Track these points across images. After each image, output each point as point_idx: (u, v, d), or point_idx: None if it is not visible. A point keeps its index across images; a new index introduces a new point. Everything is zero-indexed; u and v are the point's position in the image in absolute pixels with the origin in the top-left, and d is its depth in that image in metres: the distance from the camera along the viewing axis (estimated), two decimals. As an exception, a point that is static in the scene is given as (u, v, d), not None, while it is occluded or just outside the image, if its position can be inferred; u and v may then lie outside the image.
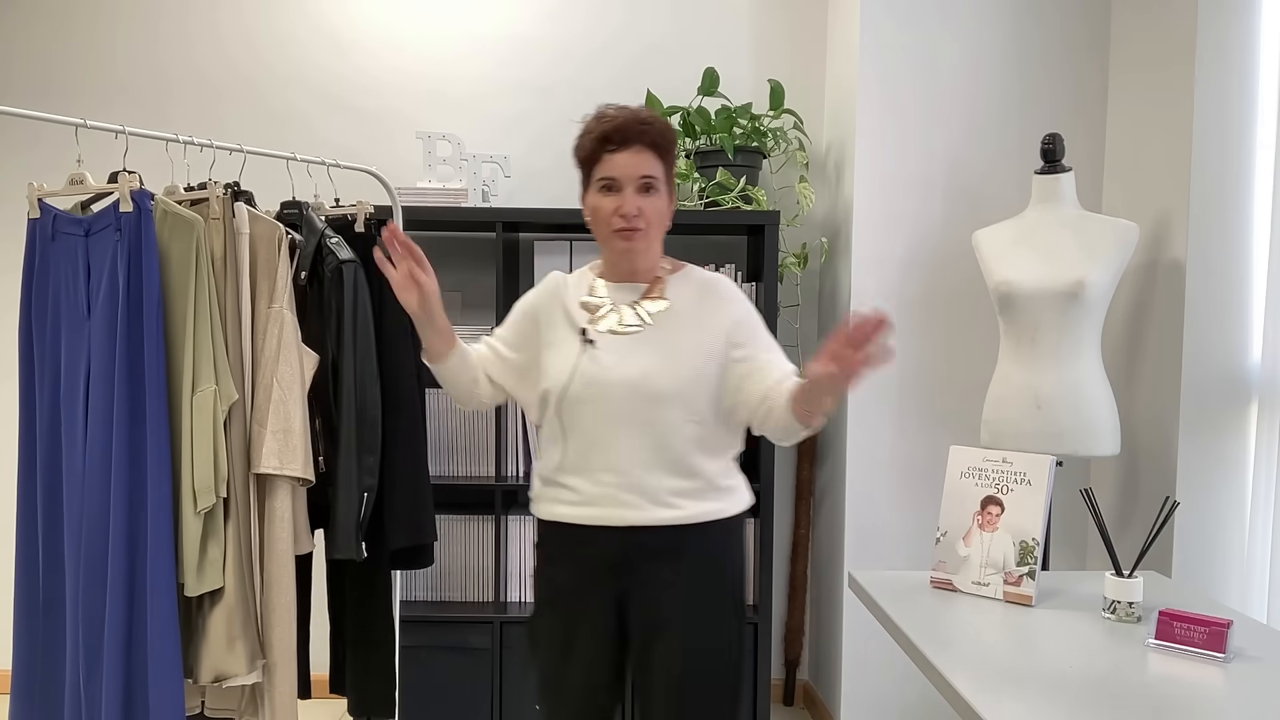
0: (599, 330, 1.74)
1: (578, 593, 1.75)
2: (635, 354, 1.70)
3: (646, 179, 1.69)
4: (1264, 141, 2.29)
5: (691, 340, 1.72)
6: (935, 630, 1.60)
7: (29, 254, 1.99)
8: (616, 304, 1.77)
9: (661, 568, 1.71)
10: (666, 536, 1.70)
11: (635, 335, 1.72)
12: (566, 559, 1.76)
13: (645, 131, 1.70)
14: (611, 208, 1.70)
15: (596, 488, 1.70)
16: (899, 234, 2.80)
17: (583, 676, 1.75)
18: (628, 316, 1.74)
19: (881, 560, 2.85)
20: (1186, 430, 2.35)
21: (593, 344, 1.72)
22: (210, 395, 1.90)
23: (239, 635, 1.94)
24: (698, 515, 1.71)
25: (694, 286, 1.79)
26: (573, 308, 1.79)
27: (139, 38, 3.17)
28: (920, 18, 2.77)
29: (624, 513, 1.69)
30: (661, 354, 1.70)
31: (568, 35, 3.18)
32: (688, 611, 1.71)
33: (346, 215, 2.39)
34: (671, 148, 1.75)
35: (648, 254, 1.76)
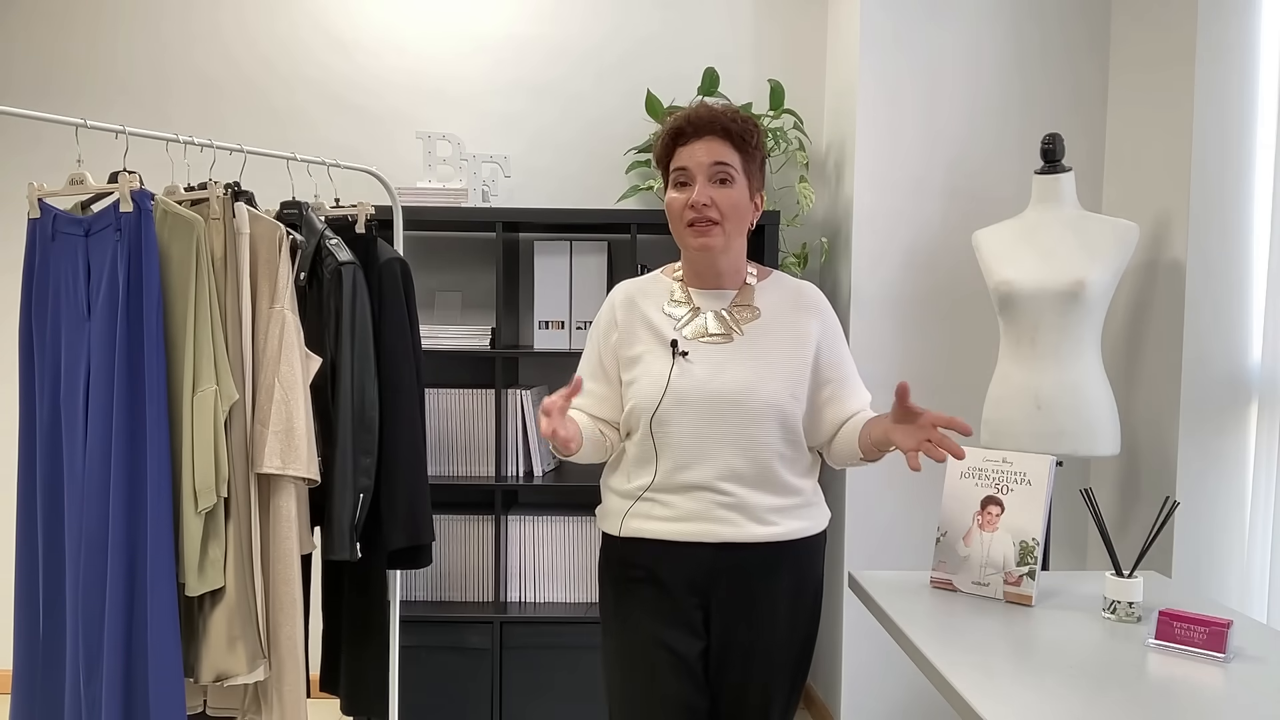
0: (688, 339, 1.66)
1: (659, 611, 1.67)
2: (729, 365, 1.64)
3: (719, 165, 1.61)
4: (1264, 141, 2.29)
5: (785, 353, 1.66)
6: (935, 630, 1.60)
7: (29, 254, 1.99)
8: (702, 310, 1.69)
9: (753, 585, 1.67)
10: (760, 553, 1.66)
11: (727, 345, 1.65)
12: (651, 577, 1.68)
13: (717, 119, 1.62)
14: (684, 200, 1.62)
15: (692, 503, 1.63)
16: (899, 234, 2.80)
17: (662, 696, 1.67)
18: (714, 324, 1.67)
19: (881, 560, 2.85)
20: (1186, 430, 2.35)
21: (684, 356, 1.64)
22: (211, 395, 1.89)
23: (240, 635, 1.94)
24: (792, 532, 1.68)
25: (785, 295, 1.73)
26: (655, 316, 1.70)
27: (139, 37, 3.17)
28: (920, 18, 2.77)
29: (719, 529, 1.63)
30: (757, 366, 1.64)
31: (568, 35, 3.18)
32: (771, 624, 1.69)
33: (347, 216, 2.39)
34: (750, 138, 1.64)
35: (728, 253, 1.67)
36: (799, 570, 1.72)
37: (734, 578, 1.67)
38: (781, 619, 1.70)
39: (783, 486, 1.67)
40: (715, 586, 1.67)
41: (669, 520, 1.65)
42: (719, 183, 1.62)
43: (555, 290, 2.94)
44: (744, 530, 1.64)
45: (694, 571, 1.66)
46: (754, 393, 1.62)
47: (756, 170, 1.67)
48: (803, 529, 1.70)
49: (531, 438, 2.92)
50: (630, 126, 3.16)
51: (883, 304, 2.81)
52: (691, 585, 1.67)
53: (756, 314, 1.68)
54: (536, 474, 2.94)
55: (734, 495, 1.63)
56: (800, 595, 1.73)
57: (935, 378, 2.83)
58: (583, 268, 2.94)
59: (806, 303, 1.73)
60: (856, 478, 2.83)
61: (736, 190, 1.63)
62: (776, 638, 1.70)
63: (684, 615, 1.67)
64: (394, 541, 2.28)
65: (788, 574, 1.70)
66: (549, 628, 2.83)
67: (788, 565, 1.70)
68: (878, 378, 2.82)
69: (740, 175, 1.63)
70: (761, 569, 1.68)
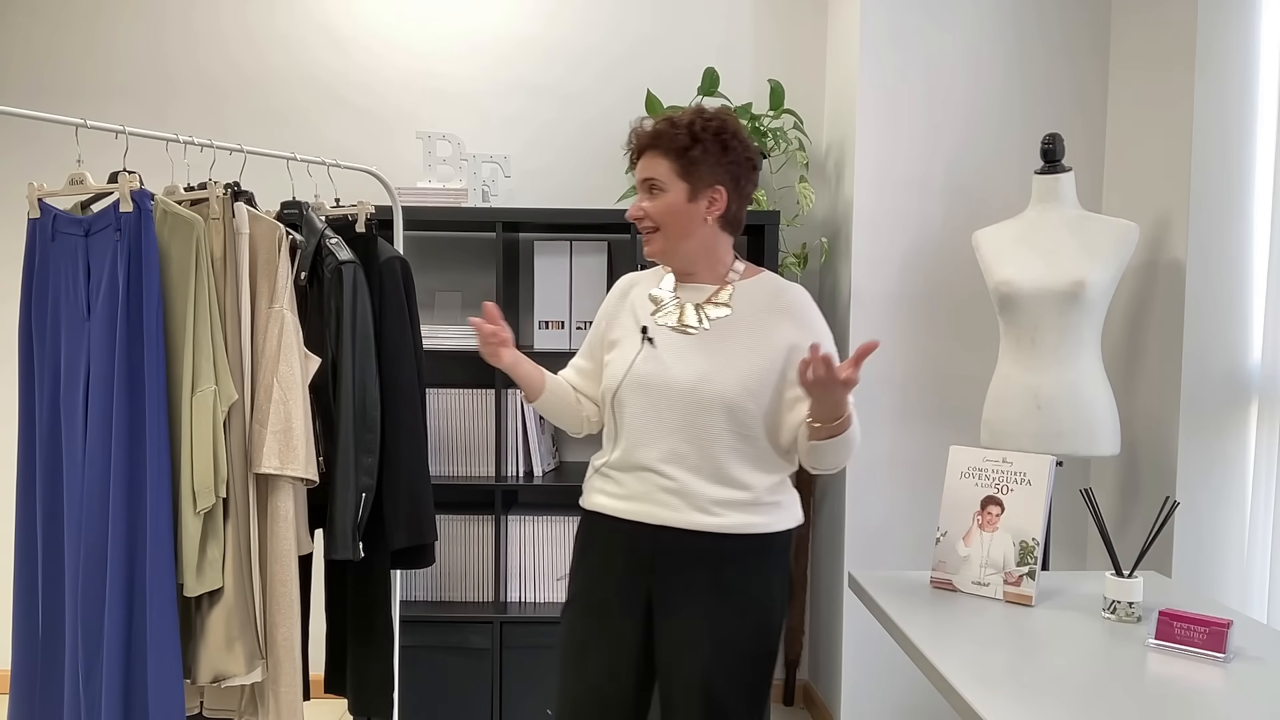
0: (659, 325, 1.75)
1: (606, 589, 1.76)
2: (690, 357, 1.70)
3: (647, 181, 1.73)
4: (1264, 141, 2.29)
5: (747, 351, 1.69)
6: (935, 630, 1.60)
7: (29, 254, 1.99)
8: (683, 302, 1.77)
9: (692, 574, 1.69)
10: (701, 543, 1.68)
11: (693, 337, 1.72)
12: (600, 550, 1.78)
13: (646, 136, 1.74)
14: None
15: (639, 484, 1.72)
16: (899, 234, 2.80)
17: (597, 677, 1.74)
18: (689, 316, 1.74)
19: (881, 560, 2.85)
20: (1186, 430, 2.35)
21: (651, 341, 1.74)
22: (210, 395, 1.89)
23: (238, 635, 1.94)
24: (736, 526, 1.68)
25: (764, 295, 1.76)
26: (639, 304, 1.81)
27: (139, 37, 3.17)
28: (920, 18, 2.77)
29: (660, 512, 1.69)
30: (718, 359, 1.69)
31: (568, 35, 3.18)
32: (712, 619, 1.68)
33: (347, 215, 2.39)
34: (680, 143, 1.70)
35: (677, 254, 1.76)
36: (746, 569, 1.70)
37: (674, 563, 1.70)
38: (727, 620, 1.69)
39: (730, 479, 1.69)
40: (656, 568, 1.72)
41: (618, 498, 1.75)
42: (649, 194, 1.73)
43: (555, 290, 2.94)
44: (684, 516, 1.68)
45: (636, 549, 1.73)
46: (704, 384, 1.67)
47: (706, 169, 1.70)
48: (750, 525, 1.69)
49: (532, 438, 2.92)
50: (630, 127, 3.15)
51: (883, 304, 2.81)
52: (634, 563, 1.73)
53: (728, 312, 1.74)
54: (536, 474, 2.94)
55: (676, 480, 1.68)
56: (749, 601, 1.70)
57: (935, 378, 2.83)
58: (583, 268, 2.94)
59: (783, 304, 1.75)
60: (856, 478, 2.83)
61: (666, 198, 1.71)
62: (719, 638, 1.68)
63: (626, 596, 1.74)
64: (396, 541, 2.29)
65: (733, 571, 1.69)
66: (549, 628, 2.83)
67: (733, 562, 1.69)
68: (878, 378, 2.82)
69: (674, 181, 1.71)
70: (703, 560, 1.69)
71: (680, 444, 1.68)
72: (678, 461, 1.68)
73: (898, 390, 2.83)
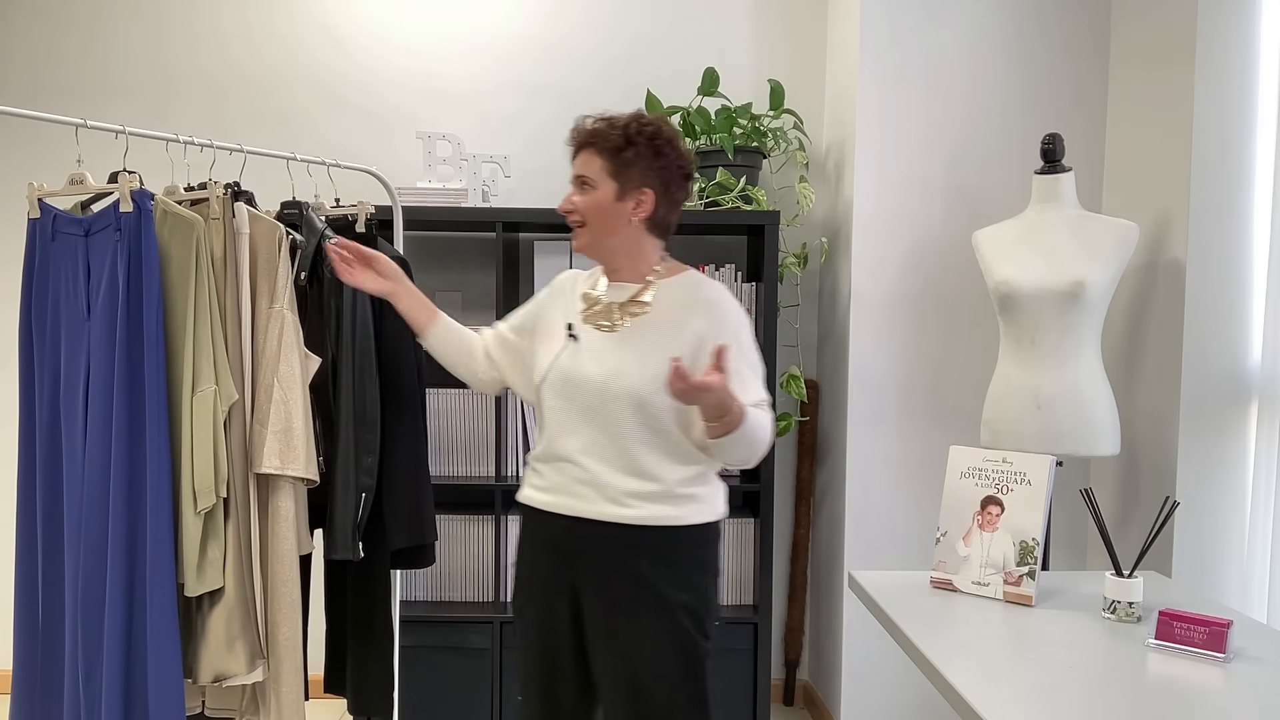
0: (585, 324, 1.81)
1: (539, 577, 1.83)
2: (607, 352, 1.76)
3: (579, 177, 1.79)
4: (1264, 141, 2.29)
5: (660, 348, 1.74)
6: (935, 630, 1.60)
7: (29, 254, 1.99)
8: (610, 301, 1.82)
9: (610, 565, 1.74)
10: (615, 534, 1.73)
11: (610, 335, 1.78)
12: (530, 542, 1.85)
13: (583, 134, 1.80)
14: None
15: (558, 476, 1.78)
16: (899, 234, 2.80)
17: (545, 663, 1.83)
18: (614, 315, 1.80)
19: (881, 560, 2.85)
20: (1186, 430, 2.35)
21: (575, 339, 1.79)
22: (210, 395, 1.89)
23: (239, 635, 1.94)
24: (650, 518, 1.72)
25: (683, 293, 1.80)
26: (571, 301, 1.87)
27: (139, 37, 3.17)
28: (920, 18, 2.77)
29: (575, 503, 1.75)
30: (628, 357, 1.74)
31: (568, 35, 3.18)
32: (631, 613, 1.72)
33: (347, 215, 2.39)
34: (614, 144, 1.76)
35: (601, 249, 1.82)
36: (659, 562, 1.73)
37: (593, 554, 1.75)
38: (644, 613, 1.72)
39: (642, 471, 1.72)
40: (576, 560, 1.77)
41: (540, 489, 1.82)
42: (580, 190, 1.80)
43: (555, 290, 2.94)
44: (597, 507, 1.73)
45: (558, 541, 1.79)
46: (614, 380, 1.72)
47: (636, 171, 1.76)
48: (664, 517, 1.72)
49: (532, 438, 2.93)
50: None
51: (883, 304, 2.81)
52: (558, 554, 1.79)
53: (646, 309, 1.79)
54: (536, 474, 2.94)
55: (590, 471, 1.74)
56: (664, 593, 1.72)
57: (935, 378, 2.83)
58: (582, 268, 2.93)
59: (699, 299, 1.79)
60: (856, 478, 2.83)
61: (595, 194, 1.77)
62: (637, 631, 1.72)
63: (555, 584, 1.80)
64: (396, 541, 2.29)
65: (647, 563, 1.72)
66: (549, 628, 2.83)
67: (646, 554, 1.72)
68: (878, 377, 2.82)
69: (604, 180, 1.76)
70: (618, 551, 1.73)
71: (595, 436, 1.74)
72: (592, 453, 1.74)
73: (898, 390, 2.82)
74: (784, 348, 3.17)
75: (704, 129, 2.91)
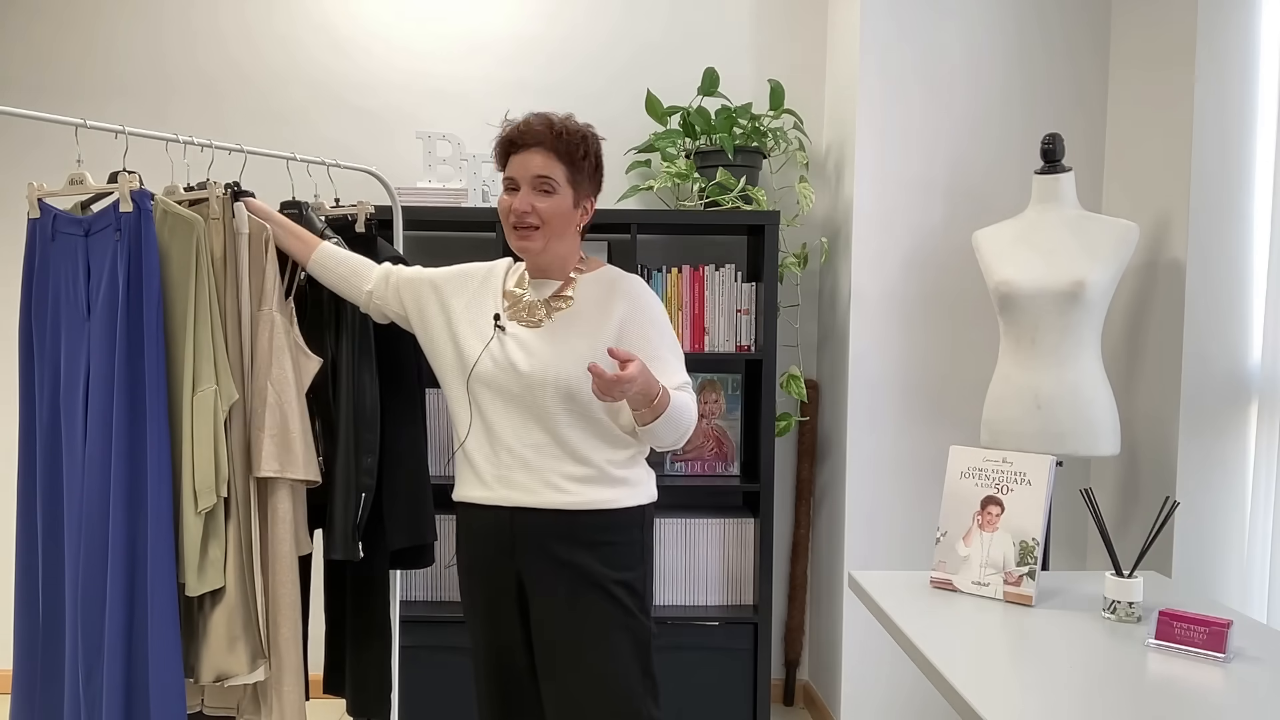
0: (510, 319, 1.84)
1: (482, 574, 1.86)
2: (532, 346, 1.79)
3: (542, 179, 1.77)
4: (1264, 141, 2.29)
5: (585, 339, 1.78)
6: (935, 630, 1.60)
7: (29, 254, 1.99)
8: (532, 298, 1.85)
9: (550, 549, 1.78)
10: (554, 519, 1.77)
11: (536, 330, 1.81)
12: (469, 538, 1.87)
13: (546, 134, 1.77)
14: (508, 204, 1.79)
15: (494, 468, 1.80)
16: (899, 234, 2.80)
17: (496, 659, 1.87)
18: (537, 311, 1.83)
19: (881, 560, 2.85)
20: (1186, 430, 2.35)
21: (503, 330, 1.83)
22: (210, 395, 1.89)
23: (240, 635, 1.94)
24: (588, 503, 1.77)
25: (602, 287, 1.85)
26: (498, 295, 1.89)
27: (139, 37, 3.17)
28: (920, 18, 2.77)
29: (513, 494, 1.78)
30: (554, 349, 1.78)
31: (568, 35, 3.18)
32: (575, 596, 1.77)
33: (347, 215, 2.39)
34: (576, 152, 1.79)
35: (548, 253, 1.83)
36: (598, 544, 1.78)
37: (533, 543, 1.78)
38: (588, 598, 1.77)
39: (577, 456, 1.77)
40: (516, 550, 1.79)
41: (477, 484, 1.83)
42: (542, 193, 1.77)
43: (555, 290, 2.94)
44: (538, 496, 1.77)
45: (497, 534, 1.81)
46: (543, 370, 1.76)
47: (585, 179, 1.82)
48: (601, 500, 1.78)
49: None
50: (630, 127, 3.16)
51: (883, 304, 2.81)
52: (498, 547, 1.82)
53: (569, 303, 1.83)
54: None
55: (527, 460, 1.78)
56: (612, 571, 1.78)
57: (936, 378, 2.83)
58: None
59: (618, 292, 1.84)
60: (856, 478, 2.83)
61: (557, 199, 1.79)
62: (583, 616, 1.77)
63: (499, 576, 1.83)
64: (396, 541, 2.28)
65: (589, 547, 1.77)
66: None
67: (588, 537, 1.77)
68: (878, 377, 2.82)
69: (564, 186, 1.79)
70: (558, 538, 1.77)
71: (527, 426, 1.78)
72: (527, 441, 1.78)
73: (898, 390, 2.83)
74: (784, 348, 3.17)
75: (704, 129, 2.91)
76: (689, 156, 2.92)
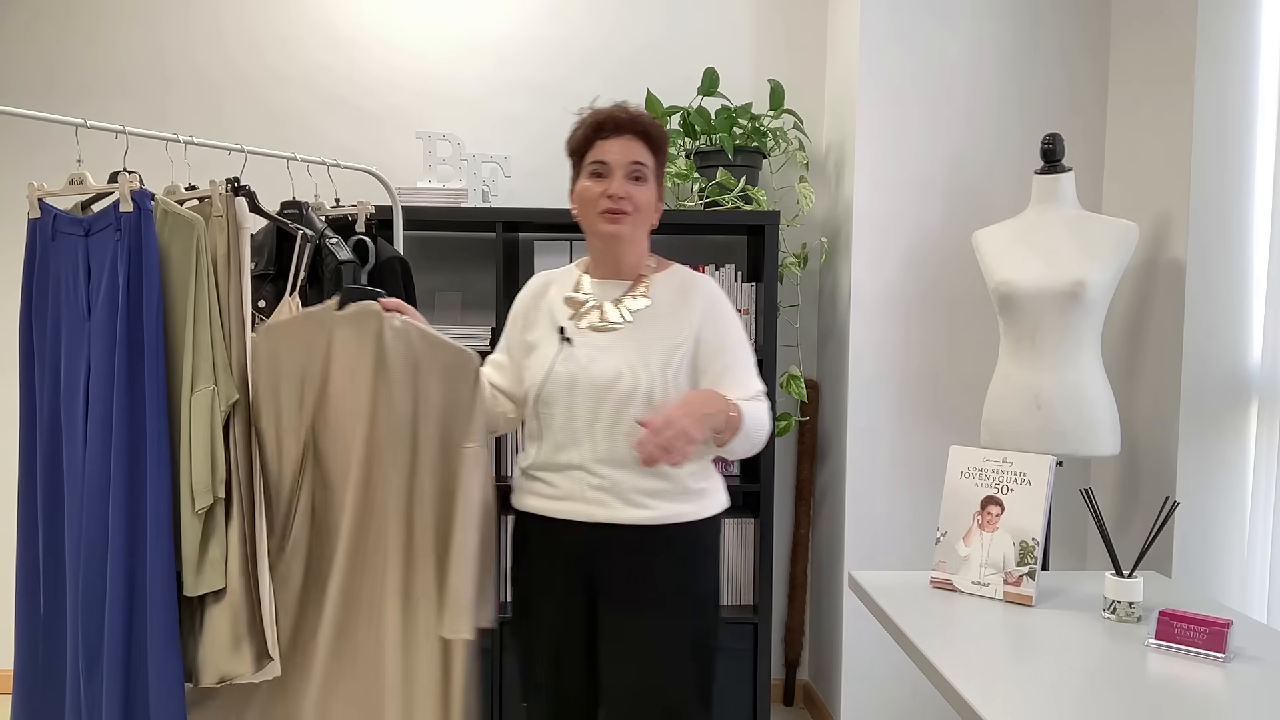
0: (580, 327, 1.76)
1: (549, 585, 1.78)
2: (611, 352, 1.72)
3: (636, 165, 1.73)
4: (1264, 141, 2.29)
5: (666, 340, 1.73)
6: (935, 630, 1.60)
7: (29, 254, 1.99)
8: (600, 300, 1.78)
9: (628, 566, 1.72)
10: (634, 535, 1.71)
11: (614, 333, 1.74)
12: (538, 552, 1.80)
13: (637, 121, 1.74)
14: (600, 190, 1.72)
15: (569, 483, 1.73)
16: (899, 234, 2.80)
17: (555, 674, 1.79)
18: (610, 313, 1.76)
19: (881, 560, 2.85)
20: (1186, 430, 2.35)
21: (569, 342, 1.75)
22: (209, 395, 1.89)
23: (245, 635, 1.94)
24: (667, 516, 1.72)
25: (676, 285, 1.80)
26: (556, 306, 1.82)
27: (139, 37, 3.17)
28: (920, 18, 2.77)
29: (593, 509, 1.72)
30: (637, 352, 1.71)
31: (568, 35, 3.18)
32: (652, 610, 1.72)
33: (347, 215, 2.39)
34: (663, 144, 1.77)
35: (633, 245, 1.78)
36: (682, 557, 1.74)
37: (610, 558, 1.72)
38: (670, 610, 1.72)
39: (659, 472, 1.71)
40: (594, 565, 1.74)
41: (549, 498, 1.76)
42: (634, 180, 1.73)
43: (555, 290, 2.93)
44: (616, 512, 1.71)
45: (572, 548, 1.75)
46: (626, 380, 1.69)
47: (662, 172, 1.80)
48: (682, 513, 1.73)
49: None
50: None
51: (883, 304, 2.81)
52: (571, 561, 1.75)
53: (647, 304, 1.77)
54: (536, 474, 2.93)
55: (606, 477, 1.71)
56: (687, 584, 1.74)
57: (935, 378, 2.83)
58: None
59: (693, 294, 1.79)
60: (856, 478, 2.83)
61: (650, 190, 1.75)
62: (656, 630, 1.72)
63: (568, 593, 1.76)
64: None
65: (669, 561, 1.73)
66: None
67: (668, 551, 1.73)
68: (878, 377, 2.82)
69: (653, 177, 1.76)
70: (636, 552, 1.71)
71: (606, 440, 1.70)
72: (606, 458, 1.71)
73: (898, 390, 2.83)
74: (784, 348, 3.16)
75: (704, 129, 2.91)
76: (689, 156, 2.92)
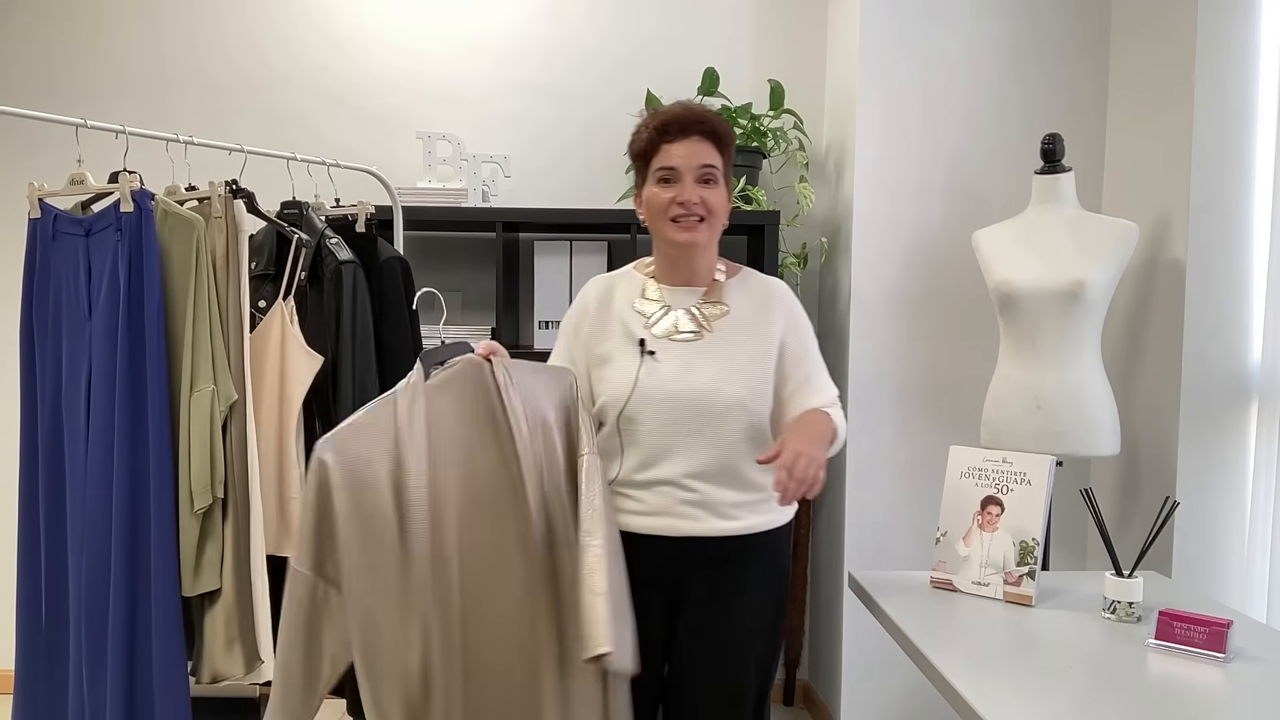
0: (654, 335, 1.69)
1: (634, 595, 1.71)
2: (697, 364, 1.66)
3: (707, 168, 1.65)
4: (1264, 142, 2.29)
5: (751, 351, 1.68)
6: (935, 630, 1.60)
7: (30, 254, 1.99)
8: (672, 307, 1.71)
9: (713, 574, 1.69)
10: (722, 546, 1.68)
11: (695, 343, 1.68)
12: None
13: (704, 121, 1.66)
14: (670, 196, 1.65)
15: (657, 499, 1.67)
16: (899, 234, 2.80)
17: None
18: (684, 322, 1.69)
19: (881, 560, 2.85)
20: (1186, 430, 2.35)
21: (653, 355, 1.67)
22: (208, 395, 1.89)
23: (237, 637, 1.94)
24: (754, 526, 1.70)
25: (753, 291, 1.75)
26: (626, 314, 1.73)
27: (140, 37, 3.17)
28: (920, 18, 2.76)
29: (682, 524, 1.67)
30: (724, 363, 1.66)
31: (567, 35, 3.18)
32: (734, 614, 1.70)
33: (347, 215, 2.39)
34: (730, 142, 1.71)
35: (707, 251, 1.72)
36: (762, 563, 1.73)
37: (696, 570, 1.70)
38: (747, 611, 1.71)
39: (747, 482, 1.68)
40: (678, 578, 1.70)
41: (634, 514, 1.69)
42: (704, 183, 1.65)
43: (555, 290, 2.94)
44: (706, 525, 1.67)
45: (657, 563, 1.68)
46: (719, 392, 1.64)
47: (729, 171, 1.72)
48: (765, 523, 1.72)
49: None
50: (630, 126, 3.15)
51: (883, 304, 2.81)
52: (655, 577, 1.68)
53: (725, 311, 1.71)
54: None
55: (698, 492, 1.66)
56: (765, 588, 1.74)
57: (936, 378, 2.83)
58: (583, 268, 2.93)
59: (773, 299, 1.75)
60: (856, 478, 2.83)
61: (721, 191, 1.68)
62: (743, 630, 1.71)
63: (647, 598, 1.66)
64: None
65: (750, 567, 1.72)
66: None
67: (749, 558, 1.72)
68: (878, 377, 2.82)
69: (722, 178, 1.68)
70: (723, 561, 1.70)
71: (698, 454, 1.65)
72: (698, 473, 1.65)
73: (898, 390, 2.82)
74: (784, 348, 3.16)
75: (704, 129, 2.90)
76: (689, 156, 2.92)
